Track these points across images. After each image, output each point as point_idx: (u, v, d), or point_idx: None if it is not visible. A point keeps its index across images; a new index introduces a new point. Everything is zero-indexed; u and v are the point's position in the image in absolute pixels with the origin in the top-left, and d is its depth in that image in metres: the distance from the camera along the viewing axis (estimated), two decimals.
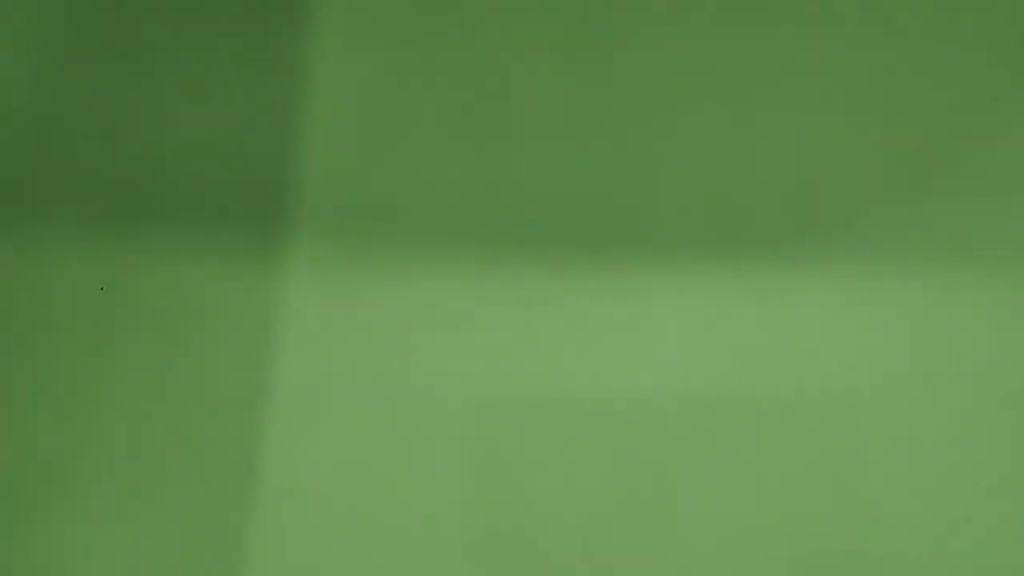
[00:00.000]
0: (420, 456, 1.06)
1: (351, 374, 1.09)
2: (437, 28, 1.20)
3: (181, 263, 1.12)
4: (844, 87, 1.16)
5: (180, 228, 1.14)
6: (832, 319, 1.08)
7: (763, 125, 1.15)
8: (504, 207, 1.13)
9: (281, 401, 1.08)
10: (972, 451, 1.04)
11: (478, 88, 1.17)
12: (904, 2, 1.19)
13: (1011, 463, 1.03)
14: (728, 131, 1.15)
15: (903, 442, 1.05)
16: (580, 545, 1.03)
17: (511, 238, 1.12)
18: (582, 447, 1.06)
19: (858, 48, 1.17)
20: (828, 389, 1.06)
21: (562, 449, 1.06)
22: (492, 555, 1.03)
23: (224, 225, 1.13)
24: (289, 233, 1.13)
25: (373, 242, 1.13)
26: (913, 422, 1.05)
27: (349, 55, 1.19)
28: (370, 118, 1.17)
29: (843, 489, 1.04)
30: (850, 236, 1.10)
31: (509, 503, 1.05)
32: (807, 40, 1.18)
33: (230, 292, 1.11)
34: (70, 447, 1.08)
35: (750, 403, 1.06)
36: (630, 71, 1.18)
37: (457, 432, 1.07)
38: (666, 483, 1.05)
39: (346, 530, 1.05)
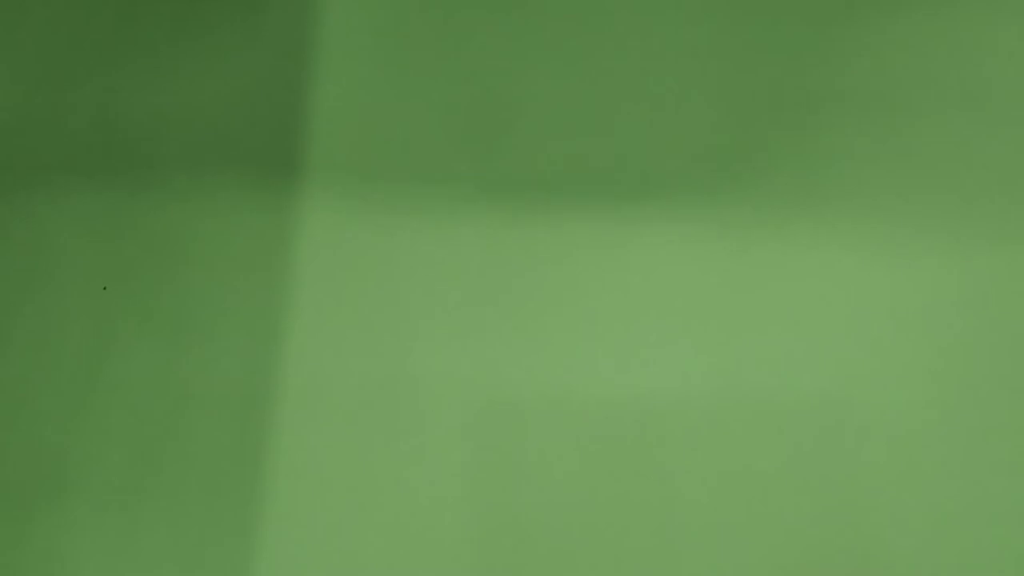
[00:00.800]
0: (423, 450, 1.06)
1: (354, 366, 1.08)
2: None
3: (188, 222, 1.12)
4: None
5: (186, 187, 1.13)
6: (833, 314, 1.08)
7: (747, 95, 1.16)
8: (514, 177, 1.14)
9: (285, 391, 1.07)
10: (974, 447, 1.04)
11: (490, 61, 1.18)
12: None
13: (1012, 458, 1.03)
14: (729, 105, 1.16)
15: (904, 438, 1.04)
16: (580, 542, 1.03)
17: (519, 210, 1.12)
18: (584, 441, 1.05)
19: None
20: (829, 384, 1.06)
21: (566, 441, 1.06)
22: (492, 552, 1.03)
23: (231, 185, 1.13)
24: (300, 189, 1.12)
25: (382, 205, 1.12)
26: (915, 416, 1.05)
27: (360, 4, 1.18)
28: (379, 80, 1.17)
29: (844, 487, 1.04)
30: (851, 221, 1.11)
31: (509, 498, 1.04)
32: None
33: (232, 280, 1.11)
34: (72, 428, 1.06)
35: (750, 400, 1.06)
36: (622, 61, 1.19)
37: (461, 419, 1.06)
38: (666, 481, 1.04)
39: (347, 525, 1.04)
